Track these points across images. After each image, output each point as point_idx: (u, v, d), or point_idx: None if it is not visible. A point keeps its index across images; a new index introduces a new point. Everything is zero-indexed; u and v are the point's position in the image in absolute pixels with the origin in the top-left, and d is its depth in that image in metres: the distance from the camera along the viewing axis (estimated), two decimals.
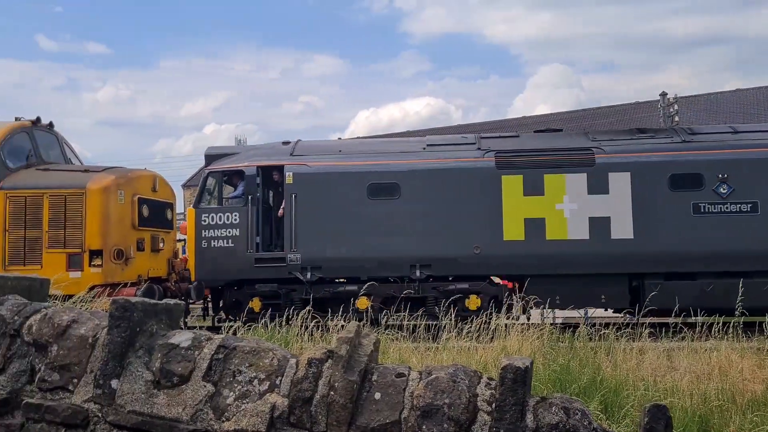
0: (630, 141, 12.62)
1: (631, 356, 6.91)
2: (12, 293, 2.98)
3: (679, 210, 11.99)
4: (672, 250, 11.83)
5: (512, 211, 12.18)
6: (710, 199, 12.00)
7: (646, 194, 12.02)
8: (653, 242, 11.77)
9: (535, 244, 11.98)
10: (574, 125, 32.24)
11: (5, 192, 10.03)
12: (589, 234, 12.03)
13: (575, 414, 2.36)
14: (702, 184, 12.03)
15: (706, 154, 12.21)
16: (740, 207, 11.94)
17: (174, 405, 2.62)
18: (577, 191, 12.10)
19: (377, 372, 2.64)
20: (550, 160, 12.35)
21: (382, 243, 11.81)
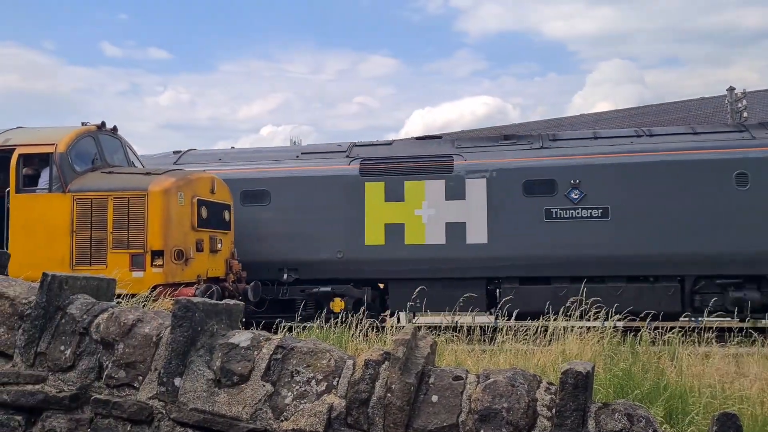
0: (488, 148, 12.99)
1: (696, 361, 6.68)
2: (81, 293, 3.09)
3: (532, 215, 12.21)
4: (525, 254, 12.03)
5: (373, 216, 12.67)
6: (562, 205, 12.19)
7: (501, 200, 12.31)
8: (507, 247, 11.98)
9: (394, 248, 12.43)
10: (635, 122, 31.39)
11: (72, 194, 10.43)
12: (446, 239, 12.37)
13: (639, 421, 2.29)
14: (555, 190, 12.23)
15: (560, 160, 12.39)
16: (591, 212, 12.09)
17: (234, 403, 2.66)
18: (435, 197, 12.51)
19: (434, 374, 2.63)
20: (412, 168, 12.81)
21: (254, 247, 12.31)
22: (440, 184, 12.57)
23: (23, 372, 2.88)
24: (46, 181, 10.62)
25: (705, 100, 34.24)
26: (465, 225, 12.39)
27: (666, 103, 36.18)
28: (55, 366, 2.88)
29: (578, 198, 12.17)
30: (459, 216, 12.44)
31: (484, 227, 12.31)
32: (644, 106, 37.59)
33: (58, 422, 2.79)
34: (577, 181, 12.15)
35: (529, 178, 12.36)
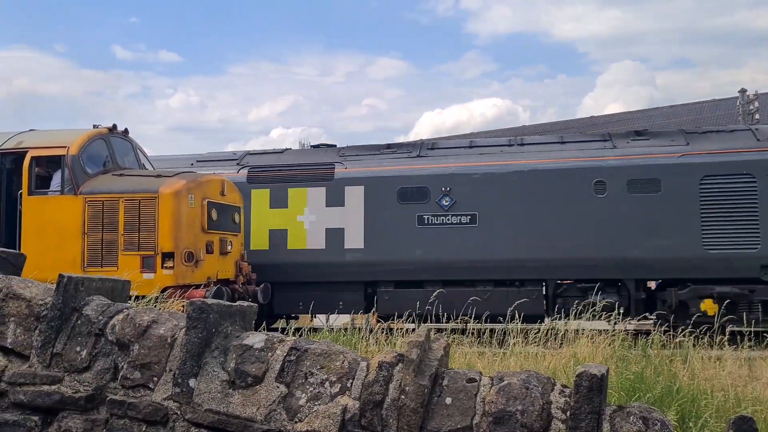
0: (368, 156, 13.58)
1: (708, 365, 6.64)
2: (96, 294, 3.11)
3: (406, 222, 12.74)
4: (399, 259, 12.55)
5: (259, 222, 13.25)
6: (433, 212, 12.71)
7: (377, 207, 12.81)
8: (382, 252, 12.46)
9: (277, 253, 12.99)
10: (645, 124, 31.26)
11: (84, 197, 10.50)
12: (326, 244, 12.94)
13: (654, 424, 2.28)
14: (427, 197, 12.75)
15: (432, 168, 12.95)
16: (460, 219, 12.62)
17: (248, 405, 2.68)
18: (316, 204, 13.10)
19: (448, 377, 2.63)
20: (295, 175, 13.40)
21: None
22: (321, 191, 13.20)
23: (40, 372, 2.90)
24: (58, 183, 10.70)
25: (717, 101, 34.06)
26: (343, 231, 12.96)
27: (677, 105, 36.01)
28: (71, 367, 2.90)
29: (448, 205, 12.74)
30: (338, 222, 13.02)
31: (361, 233, 12.88)
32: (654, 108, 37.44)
33: (74, 422, 2.81)
34: (448, 188, 12.75)
35: (403, 186, 12.94)
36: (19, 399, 2.90)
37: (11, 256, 3.56)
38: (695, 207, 11.96)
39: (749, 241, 11.73)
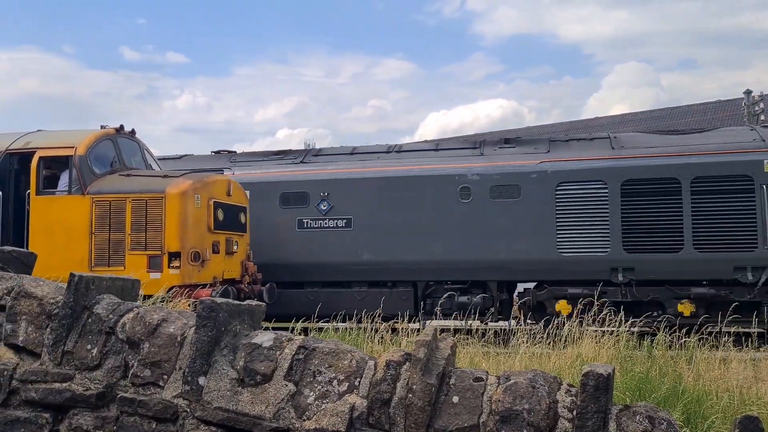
0: (256, 162, 14.32)
1: (713, 366, 6.64)
2: (107, 293, 3.15)
3: (288, 225, 13.49)
4: (282, 261, 13.13)
5: None
6: (312, 215, 13.50)
7: (262, 211, 13.34)
8: (264, 254, 12.78)
9: None
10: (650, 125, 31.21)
11: (91, 197, 10.56)
12: None
13: (661, 424, 2.30)
14: (307, 202, 13.52)
15: (312, 174, 13.72)
16: (337, 222, 13.38)
17: (257, 403, 2.70)
18: None
19: (455, 375, 2.65)
20: None
21: None
22: None
23: (51, 370, 2.94)
24: (66, 184, 10.76)
25: (722, 103, 33.98)
26: None
27: (683, 106, 35.94)
28: (81, 365, 2.93)
29: (326, 209, 13.51)
30: None
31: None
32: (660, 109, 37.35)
33: (85, 420, 2.84)
34: (326, 193, 13.51)
35: (285, 191, 13.68)
36: (31, 396, 2.93)
37: (22, 255, 3.60)
38: (551, 212, 12.59)
39: (600, 245, 12.35)
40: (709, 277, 11.93)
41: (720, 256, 11.83)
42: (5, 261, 3.50)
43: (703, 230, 11.94)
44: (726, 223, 11.88)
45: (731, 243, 11.82)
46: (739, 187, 11.89)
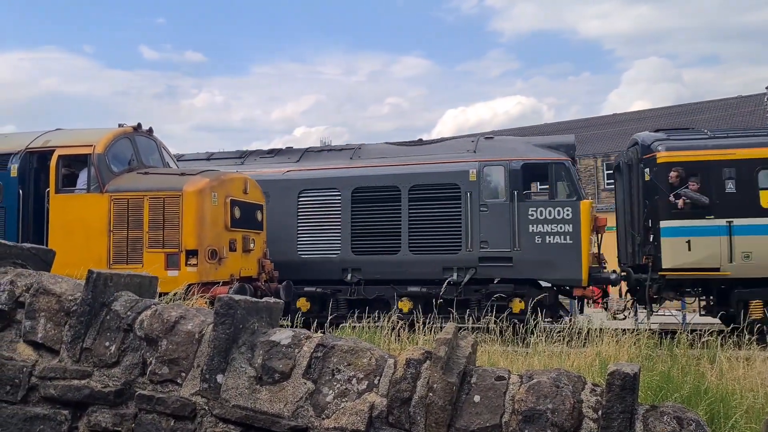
0: None
1: (736, 365, 6.53)
2: (125, 290, 3.14)
3: None
4: None
5: None
6: None
7: None
8: None
9: None
10: (669, 122, 30.86)
11: (110, 195, 10.63)
12: None
13: (689, 425, 2.24)
14: None
15: None
16: None
17: (276, 401, 2.68)
18: None
19: (476, 374, 2.60)
20: None
21: None
22: None
23: (70, 367, 2.93)
24: (85, 182, 10.84)
25: (743, 98, 33.48)
26: None
27: (702, 102, 35.48)
28: (100, 362, 2.92)
29: None
30: None
31: None
32: (679, 105, 36.91)
33: (104, 417, 2.83)
34: None
35: None
36: (50, 393, 2.93)
37: (41, 253, 3.60)
38: (294, 217, 13.80)
39: (333, 248, 13.52)
40: (424, 277, 12.88)
41: (430, 258, 12.92)
42: (24, 258, 3.50)
43: (417, 234, 13.09)
44: (436, 228, 13.01)
45: (440, 246, 12.94)
46: (449, 194, 12.99)
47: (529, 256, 12.44)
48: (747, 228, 11.32)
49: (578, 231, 12.28)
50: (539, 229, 12.46)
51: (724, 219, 11.37)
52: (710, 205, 11.52)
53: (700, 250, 11.39)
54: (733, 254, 11.31)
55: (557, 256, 12.30)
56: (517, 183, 12.71)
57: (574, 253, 12.25)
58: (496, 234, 12.61)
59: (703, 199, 11.52)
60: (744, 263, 11.31)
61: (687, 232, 11.50)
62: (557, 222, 12.39)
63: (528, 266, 12.45)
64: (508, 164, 12.78)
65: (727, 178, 11.57)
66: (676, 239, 11.54)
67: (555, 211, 12.45)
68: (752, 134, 12.48)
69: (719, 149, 11.74)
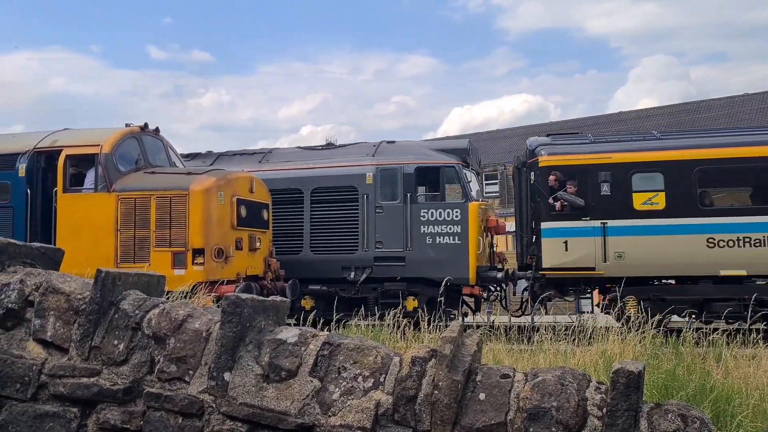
0: None
1: (742, 363, 6.52)
2: (133, 288, 3.17)
3: None
4: None
5: None
6: None
7: None
8: None
9: None
10: (676, 119, 30.78)
11: (117, 194, 10.68)
12: None
13: (694, 422, 2.25)
14: None
15: None
16: None
17: (282, 399, 2.70)
18: None
19: (481, 372, 2.62)
20: None
21: None
22: None
23: (79, 365, 2.97)
24: (92, 181, 10.90)
25: (749, 96, 33.35)
26: None
27: (709, 100, 35.34)
28: (108, 360, 2.95)
29: None
30: None
31: None
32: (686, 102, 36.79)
33: (112, 414, 2.87)
34: None
35: None
36: (59, 391, 2.96)
37: (50, 252, 3.64)
38: None
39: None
40: (325, 276, 13.30)
41: (330, 258, 13.34)
42: (33, 257, 3.54)
43: (318, 235, 13.54)
44: (335, 229, 13.42)
45: (339, 246, 13.36)
46: (347, 197, 13.42)
47: (421, 255, 12.86)
48: (620, 229, 11.71)
49: (466, 232, 12.70)
50: (430, 230, 12.94)
51: (599, 220, 11.75)
52: (586, 207, 11.89)
53: (577, 250, 11.79)
54: (606, 254, 11.67)
55: (446, 255, 12.71)
56: (411, 186, 13.18)
57: (462, 253, 12.67)
58: (390, 235, 13.06)
59: (579, 201, 11.91)
60: (617, 263, 11.65)
61: (564, 233, 11.91)
62: (447, 223, 12.87)
63: (419, 266, 12.85)
64: (402, 168, 13.27)
65: (603, 181, 11.95)
66: (555, 240, 11.95)
67: (445, 212, 12.93)
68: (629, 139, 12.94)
69: (596, 154, 12.17)
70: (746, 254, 11.28)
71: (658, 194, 11.72)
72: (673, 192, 11.64)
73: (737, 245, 11.30)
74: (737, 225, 11.39)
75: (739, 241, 11.30)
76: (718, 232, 11.35)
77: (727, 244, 11.31)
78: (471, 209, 12.77)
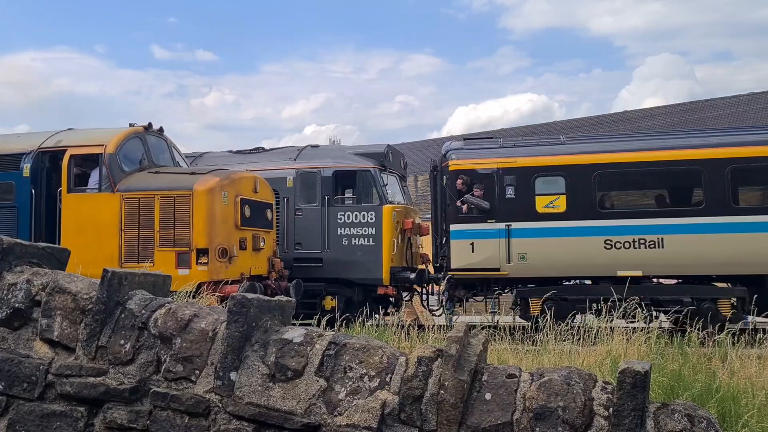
0: None
1: (748, 363, 6.50)
2: (139, 288, 3.18)
3: None
4: None
5: None
6: None
7: None
8: None
9: None
10: (680, 119, 30.73)
11: (121, 194, 10.70)
12: None
13: (700, 422, 2.25)
14: None
15: None
16: None
17: (288, 398, 2.71)
18: None
19: (487, 372, 2.62)
20: None
21: None
22: None
23: (85, 365, 2.97)
24: (96, 181, 10.92)
25: (755, 95, 33.25)
26: None
27: (715, 99, 35.23)
28: (115, 359, 2.96)
29: None
30: None
31: None
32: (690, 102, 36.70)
33: (119, 414, 2.87)
34: None
35: None
36: (66, 390, 2.97)
37: (56, 252, 3.65)
38: None
39: None
40: None
41: None
42: (40, 257, 3.55)
43: None
44: None
45: None
46: None
47: (338, 257, 13.19)
48: (523, 231, 12.02)
49: (380, 234, 13.02)
50: (347, 232, 13.29)
51: (504, 223, 12.06)
52: (491, 210, 12.20)
53: (482, 251, 12.10)
54: (510, 255, 11.96)
55: (361, 257, 13.07)
56: (329, 189, 13.52)
57: (377, 255, 13.00)
58: (309, 236, 13.38)
59: (484, 204, 12.24)
60: (520, 264, 11.94)
61: (471, 235, 12.19)
62: (362, 225, 13.24)
63: (336, 266, 13.17)
64: (321, 171, 13.66)
65: (508, 184, 12.29)
66: (462, 241, 12.23)
67: (360, 215, 13.29)
68: (535, 144, 13.20)
69: (502, 158, 12.47)
70: (642, 255, 11.58)
71: (560, 197, 12.06)
72: (573, 195, 11.95)
73: (633, 247, 11.61)
74: (633, 227, 11.70)
75: (635, 242, 11.61)
76: (615, 234, 11.67)
77: (623, 246, 11.61)
78: (385, 212, 13.13)
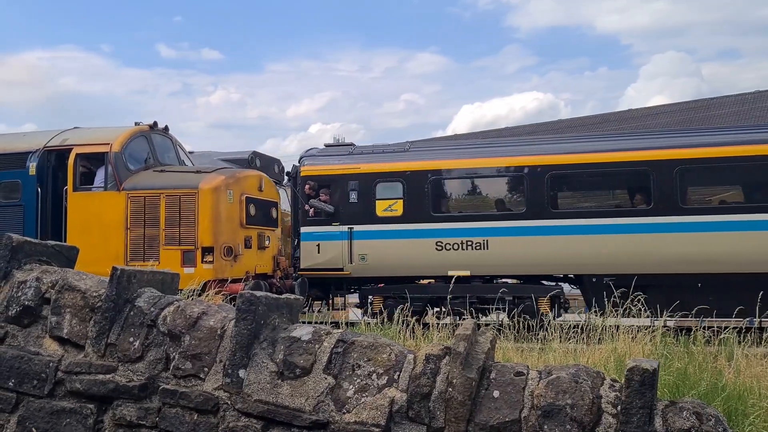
0: None
1: (754, 362, 6.49)
2: (147, 286, 3.19)
3: None
4: None
5: None
6: None
7: None
8: None
9: None
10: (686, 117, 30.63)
11: (126, 192, 10.73)
12: None
13: (709, 420, 2.25)
14: None
15: None
16: None
17: (297, 396, 2.72)
18: None
19: (495, 370, 2.63)
20: None
21: None
22: None
23: (95, 362, 2.99)
24: (102, 180, 10.95)
25: (760, 93, 33.11)
26: None
27: (721, 97, 35.08)
28: (124, 357, 2.98)
29: None
30: None
31: None
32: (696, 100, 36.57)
33: (128, 410, 2.89)
34: None
35: None
36: (76, 387, 2.99)
37: (65, 250, 3.67)
38: None
39: None
40: None
41: None
42: (49, 255, 3.57)
43: None
44: None
45: None
46: None
47: None
48: (364, 233, 12.71)
49: None
50: None
51: (347, 225, 12.75)
52: (336, 213, 12.84)
53: (327, 252, 12.80)
54: (352, 256, 12.66)
55: None
56: None
57: None
58: None
59: (328, 208, 12.85)
60: (361, 264, 12.64)
61: (317, 236, 12.86)
62: None
63: None
64: None
65: (351, 189, 12.99)
66: (310, 243, 12.88)
67: None
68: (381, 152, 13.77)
69: (348, 164, 13.17)
70: (468, 256, 12.29)
71: (398, 202, 12.78)
72: (409, 200, 12.65)
73: (461, 248, 12.34)
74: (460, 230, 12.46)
75: (463, 244, 12.35)
76: (445, 237, 12.42)
77: (452, 248, 12.35)
78: None
